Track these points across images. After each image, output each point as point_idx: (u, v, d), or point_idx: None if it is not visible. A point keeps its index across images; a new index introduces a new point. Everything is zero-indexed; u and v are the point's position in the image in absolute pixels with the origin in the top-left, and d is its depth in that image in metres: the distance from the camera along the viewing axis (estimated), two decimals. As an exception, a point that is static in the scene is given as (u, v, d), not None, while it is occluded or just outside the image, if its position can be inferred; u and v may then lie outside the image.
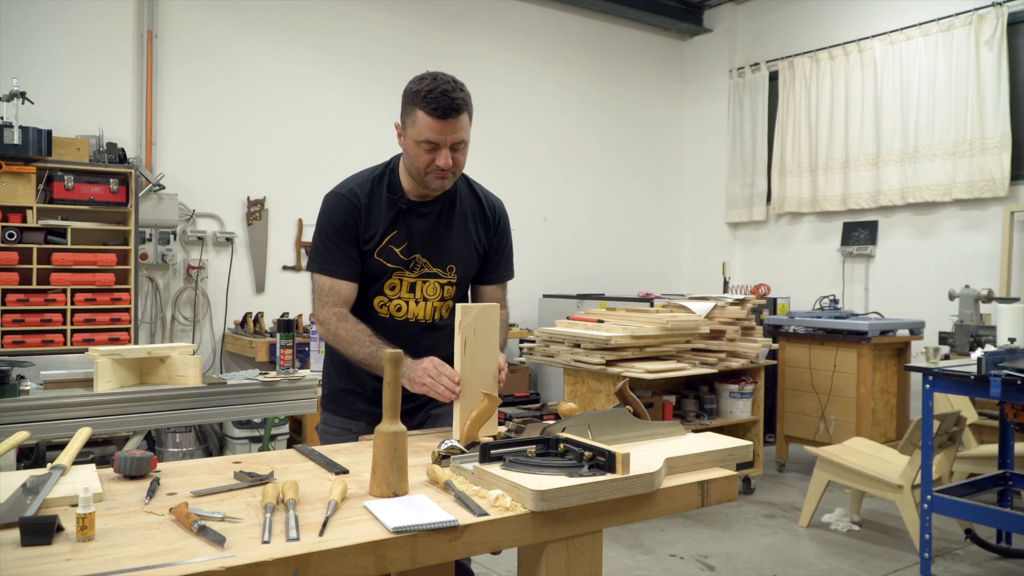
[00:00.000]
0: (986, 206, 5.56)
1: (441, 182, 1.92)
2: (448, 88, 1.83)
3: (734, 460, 1.63)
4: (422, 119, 1.84)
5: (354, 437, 2.01)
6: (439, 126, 1.83)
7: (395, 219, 1.98)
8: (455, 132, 1.85)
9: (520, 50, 6.63)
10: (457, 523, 1.23)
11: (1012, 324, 3.49)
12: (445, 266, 2.02)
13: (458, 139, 1.86)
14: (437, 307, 2.04)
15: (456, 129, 1.84)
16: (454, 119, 1.83)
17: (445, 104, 1.81)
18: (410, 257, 1.98)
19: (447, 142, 1.85)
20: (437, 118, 1.82)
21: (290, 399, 3.26)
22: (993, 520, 3.39)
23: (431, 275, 2.01)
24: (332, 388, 2.13)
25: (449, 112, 1.82)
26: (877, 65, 6.10)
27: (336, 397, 2.11)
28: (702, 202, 7.56)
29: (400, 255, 1.98)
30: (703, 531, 3.96)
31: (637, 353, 4.12)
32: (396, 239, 1.97)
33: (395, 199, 1.99)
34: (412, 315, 2.02)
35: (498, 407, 1.75)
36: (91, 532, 1.14)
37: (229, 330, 5.22)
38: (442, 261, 2.01)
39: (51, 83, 4.61)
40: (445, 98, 1.81)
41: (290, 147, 5.49)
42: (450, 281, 2.04)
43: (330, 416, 2.12)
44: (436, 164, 1.86)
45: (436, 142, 1.84)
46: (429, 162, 1.87)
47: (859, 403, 4.79)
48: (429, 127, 1.83)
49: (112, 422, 2.84)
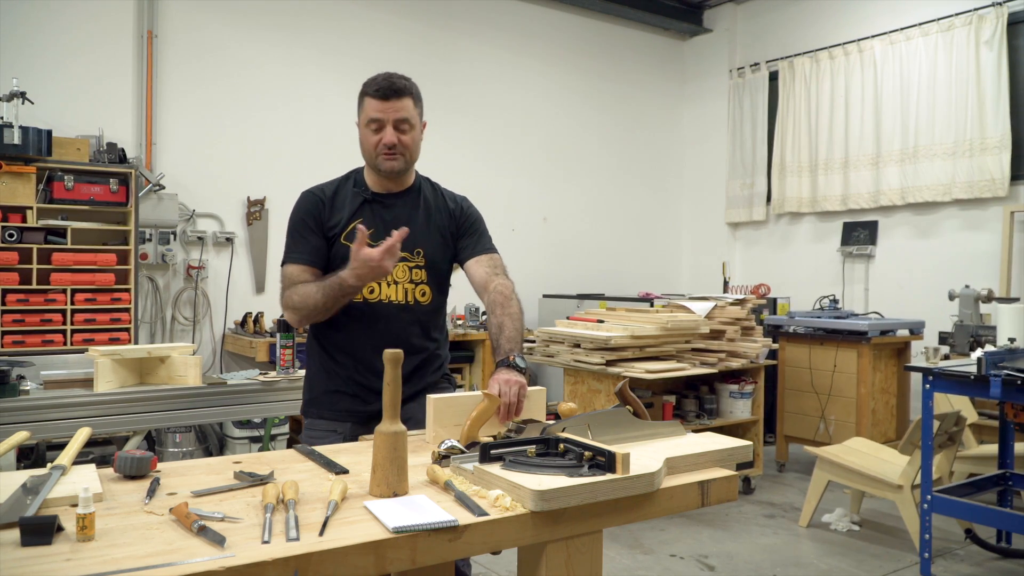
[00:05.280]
0: (986, 206, 5.56)
1: (391, 162, 2.03)
2: (391, 75, 2.02)
3: (734, 460, 1.63)
4: (367, 103, 2.02)
5: (339, 439, 2.02)
6: (381, 105, 2.00)
7: (360, 207, 2.10)
8: (397, 111, 2.00)
9: (520, 50, 6.63)
10: (457, 523, 1.23)
11: (1012, 324, 3.49)
12: (412, 249, 2.08)
13: (400, 118, 2.00)
14: (408, 289, 2.10)
15: (398, 109, 2.00)
16: (395, 100, 1.99)
17: (386, 86, 1.99)
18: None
19: (390, 119, 2.00)
20: (379, 99, 2.00)
21: (290, 399, 3.26)
22: (993, 520, 3.39)
23: (400, 259, 2.04)
24: (315, 392, 2.16)
25: (390, 93, 1.99)
26: (877, 65, 6.10)
27: (319, 400, 2.12)
28: (702, 202, 7.56)
29: None
30: (703, 531, 3.96)
31: (637, 353, 4.12)
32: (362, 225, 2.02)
33: (360, 191, 2.12)
34: (385, 296, 2.07)
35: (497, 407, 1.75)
36: (91, 532, 1.14)
37: (229, 330, 5.22)
38: (409, 245, 2.05)
39: (51, 83, 4.60)
40: (387, 81, 2.00)
41: (290, 147, 5.49)
42: (418, 264, 2.10)
43: (313, 421, 2.14)
44: (383, 142, 2.00)
45: (380, 119, 2.00)
46: (377, 142, 2.02)
47: (859, 403, 4.79)
48: (373, 107, 2.01)
49: (112, 422, 2.85)
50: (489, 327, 2.03)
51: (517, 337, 1.95)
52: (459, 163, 5.96)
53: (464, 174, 5.41)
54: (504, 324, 1.97)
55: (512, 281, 2.13)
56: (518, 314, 2.01)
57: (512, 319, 1.99)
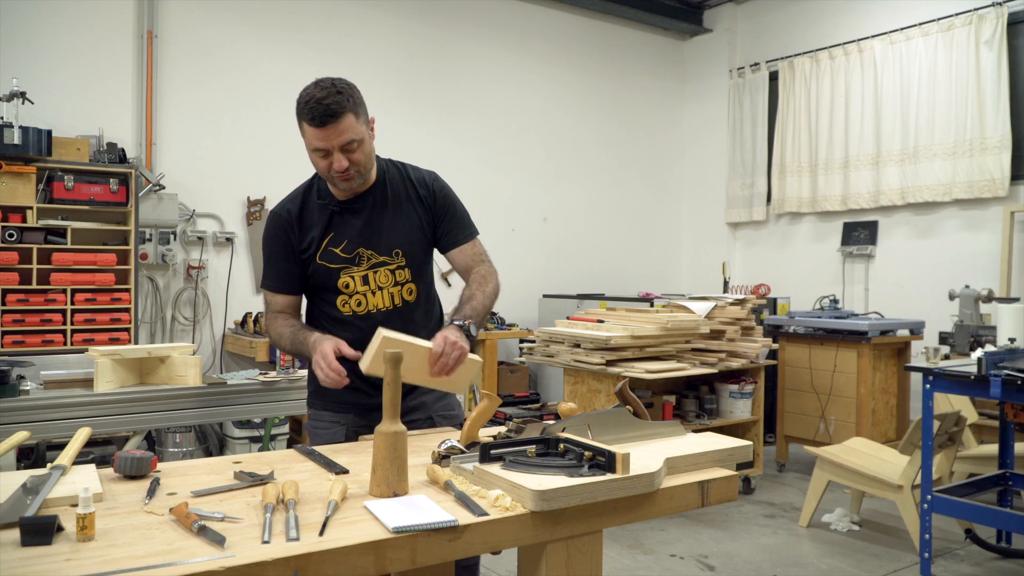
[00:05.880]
0: (986, 206, 5.56)
1: (348, 183, 1.96)
2: (323, 95, 1.86)
3: (734, 460, 1.63)
4: (307, 130, 1.91)
5: (343, 430, 2.07)
6: (321, 134, 1.88)
7: (329, 222, 2.05)
8: (339, 135, 1.88)
9: (520, 50, 6.63)
10: (457, 523, 1.23)
11: (1012, 324, 3.49)
12: (391, 252, 2.07)
13: (345, 140, 1.89)
14: (394, 293, 2.09)
15: (339, 132, 1.87)
16: (333, 124, 1.86)
17: (321, 112, 1.85)
18: (353, 253, 2.04)
19: (335, 146, 1.89)
20: (316, 127, 1.87)
21: (290, 399, 3.26)
22: (993, 520, 3.39)
23: (379, 264, 2.05)
24: (317, 385, 2.16)
25: (326, 119, 1.85)
26: (877, 65, 6.10)
27: (321, 392, 2.14)
28: (702, 202, 7.56)
29: (341, 254, 2.04)
30: (703, 531, 3.96)
31: (637, 353, 4.12)
32: (334, 240, 2.04)
33: (325, 204, 2.06)
34: (373, 306, 2.07)
35: (498, 406, 1.75)
36: (91, 532, 1.14)
37: (229, 330, 5.22)
38: (386, 248, 2.05)
39: (51, 83, 4.60)
40: (320, 106, 1.85)
41: (290, 147, 5.44)
42: (399, 265, 2.08)
43: (317, 412, 2.17)
44: (333, 168, 1.91)
45: (324, 148, 1.89)
46: (327, 167, 1.93)
47: (859, 403, 4.79)
48: (314, 136, 1.89)
49: (112, 422, 2.85)
50: (461, 293, 2.07)
51: (481, 311, 2.01)
52: (459, 163, 5.95)
53: (464, 174, 5.41)
54: (475, 295, 2.04)
55: (495, 268, 2.17)
56: (491, 294, 2.07)
57: (484, 295, 2.05)
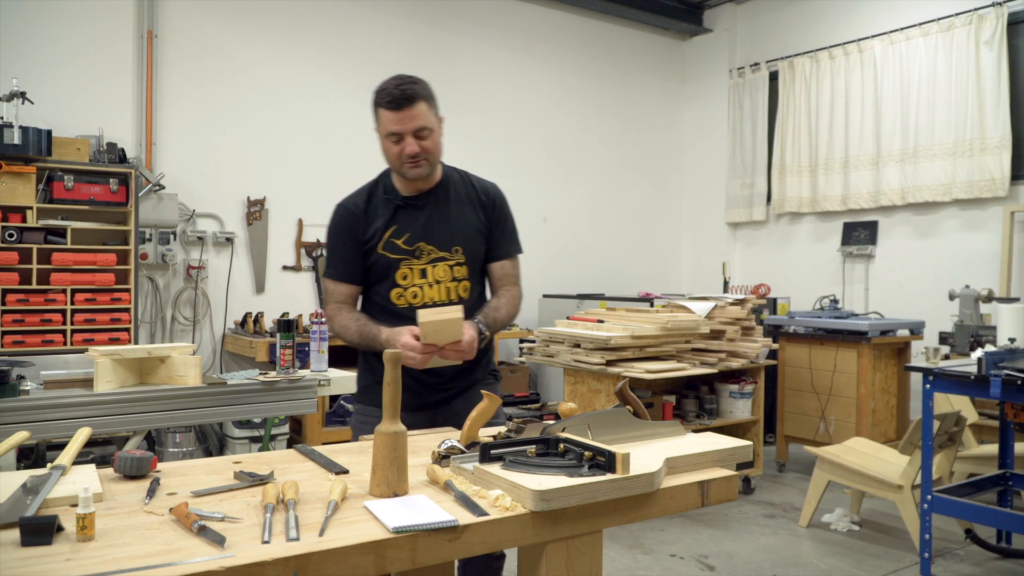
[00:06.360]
0: (986, 206, 5.56)
1: (416, 170, 2.06)
2: (400, 83, 2.01)
3: (734, 460, 1.63)
4: (383, 115, 2.03)
5: None
6: (396, 116, 2.00)
7: (393, 215, 2.13)
8: (413, 120, 2.00)
9: (520, 50, 6.63)
10: (457, 523, 1.23)
11: (1012, 324, 3.49)
12: (450, 248, 2.14)
13: (418, 126, 2.01)
14: (451, 287, 2.14)
15: (413, 117, 2.00)
16: (408, 108, 1.99)
17: (398, 95, 1.98)
18: (414, 246, 2.12)
19: (408, 130, 2.00)
20: (393, 110, 1.99)
21: (290, 399, 3.26)
22: (993, 520, 3.38)
23: (439, 259, 2.13)
24: (367, 381, 2.25)
25: (403, 102, 1.98)
26: (877, 65, 6.10)
27: (370, 390, 2.20)
28: (702, 202, 7.56)
29: (403, 245, 2.12)
30: (703, 531, 3.96)
31: (637, 353, 4.12)
32: (397, 232, 2.12)
33: (390, 199, 2.15)
34: (428, 298, 2.12)
35: (499, 406, 1.75)
36: (91, 532, 1.14)
37: (229, 330, 5.22)
38: (446, 244, 2.13)
39: (51, 83, 4.60)
40: (397, 91, 1.99)
41: (290, 147, 5.49)
42: (458, 261, 2.15)
43: (364, 407, 2.23)
44: (405, 153, 2.02)
45: (398, 132, 2.01)
46: (399, 153, 2.03)
47: (859, 403, 4.79)
48: (389, 119, 2.01)
49: (112, 422, 2.84)
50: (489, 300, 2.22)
51: (498, 319, 2.13)
52: (459, 163, 5.92)
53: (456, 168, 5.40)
54: (499, 306, 2.16)
55: (522, 292, 2.29)
56: (512, 311, 2.20)
57: (507, 308, 2.18)
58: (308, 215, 5.53)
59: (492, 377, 2.30)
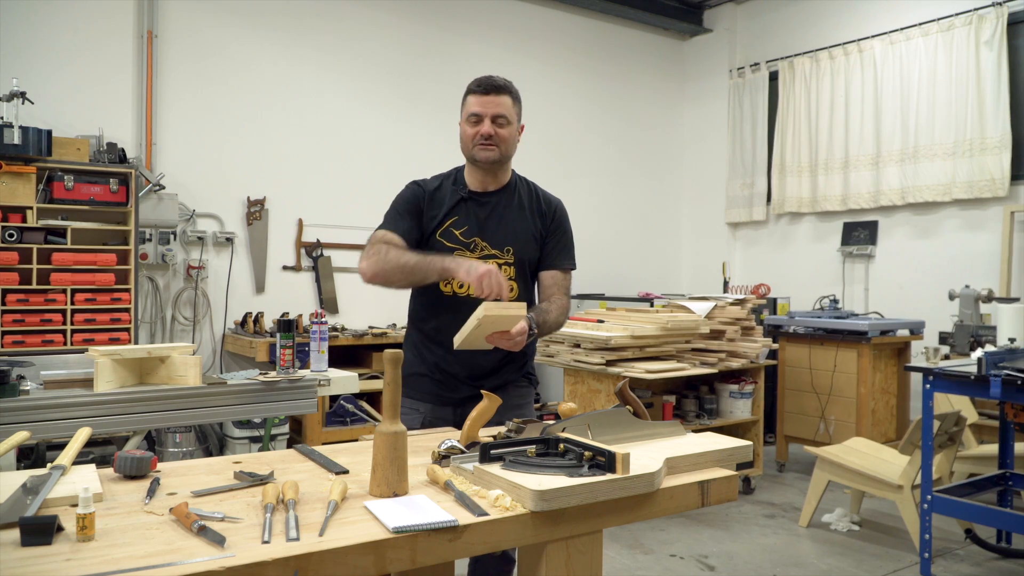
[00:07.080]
0: (986, 206, 5.56)
1: (486, 153, 2.16)
2: (493, 76, 2.20)
3: (734, 460, 1.63)
4: (469, 100, 2.18)
5: (420, 417, 2.22)
6: (481, 100, 2.15)
7: (456, 205, 2.22)
8: (496, 106, 2.15)
9: (520, 50, 6.63)
10: (457, 523, 1.23)
11: (1012, 324, 3.49)
12: (503, 247, 2.22)
13: (498, 112, 2.15)
14: None
15: (496, 104, 2.15)
16: (494, 95, 2.15)
17: (487, 82, 2.16)
18: (470, 239, 2.20)
19: (488, 113, 2.14)
20: (480, 94, 2.16)
21: (290, 399, 3.25)
22: (993, 520, 3.39)
23: (490, 256, 2.20)
24: (405, 372, 2.25)
25: (490, 89, 2.15)
26: (877, 65, 6.10)
27: (407, 380, 2.22)
28: (702, 202, 7.56)
29: (460, 237, 2.20)
30: (703, 531, 3.96)
31: (637, 353, 4.12)
32: (457, 223, 2.21)
33: (458, 190, 2.25)
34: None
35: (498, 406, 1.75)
36: (91, 532, 1.14)
37: (229, 330, 5.22)
38: (500, 243, 2.21)
39: (51, 83, 4.60)
40: (488, 79, 2.17)
41: (290, 147, 5.49)
42: (508, 261, 2.22)
43: None
44: (479, 133, 2.14)
45: (479, 113, 2.15)
46: (474, 134, 2.16)
47: (859, 403, 4.79)
48: (473, 102, 2.17)
49: (112, 422, 2.84)
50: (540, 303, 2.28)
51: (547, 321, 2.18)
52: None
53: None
54: (549, 309, 2.22)
55: (570, 304, 2.33)
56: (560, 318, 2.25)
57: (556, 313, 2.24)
58: (308, 215, 5.53)
59: (526, 380, 2.33)
